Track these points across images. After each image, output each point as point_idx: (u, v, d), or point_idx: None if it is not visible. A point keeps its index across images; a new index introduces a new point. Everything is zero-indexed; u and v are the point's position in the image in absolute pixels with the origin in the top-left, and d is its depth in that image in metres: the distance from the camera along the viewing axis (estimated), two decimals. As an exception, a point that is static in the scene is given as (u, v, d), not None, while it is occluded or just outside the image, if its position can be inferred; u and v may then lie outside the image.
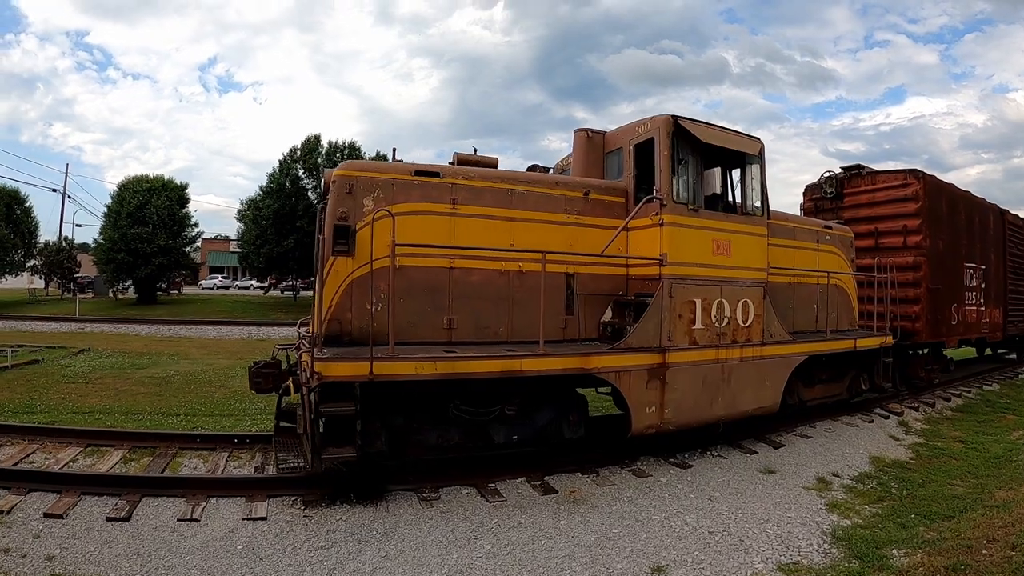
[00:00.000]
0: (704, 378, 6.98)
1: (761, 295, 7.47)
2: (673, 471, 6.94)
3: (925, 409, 10.55)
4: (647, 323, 6.53)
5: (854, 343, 8.86)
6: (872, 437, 8.76)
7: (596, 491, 6.11)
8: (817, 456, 7.76)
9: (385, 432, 5.58)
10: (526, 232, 6.48)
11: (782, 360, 7.76)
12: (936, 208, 10.78)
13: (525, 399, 6.19)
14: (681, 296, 6.79)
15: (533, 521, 5.26)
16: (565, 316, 6.84)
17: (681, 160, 6.91)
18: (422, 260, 5.90)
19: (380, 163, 6.34)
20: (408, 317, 5.80)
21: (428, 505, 5.45)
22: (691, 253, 6.87)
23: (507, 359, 5.54)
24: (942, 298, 10.88)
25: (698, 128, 6.92)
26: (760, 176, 7.56)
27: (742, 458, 7.54)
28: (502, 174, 6.72)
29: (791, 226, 9.03)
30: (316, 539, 4.69)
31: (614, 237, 6.67)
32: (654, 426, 6.58)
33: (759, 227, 7.50)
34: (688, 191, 6.97)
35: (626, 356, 6.33)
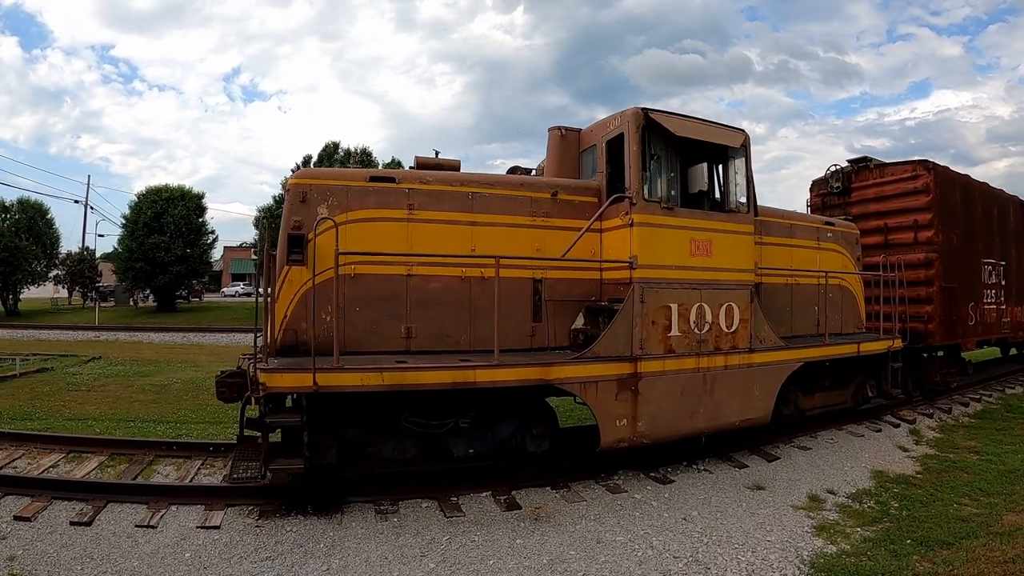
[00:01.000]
0: (683, 388, 6.45)
1: (748, 298, 6.89)
2: (651, 487, 6.44)
3: (940, 416, 9.76)
4: (616, 330, 6.05)
5: (857, 347, 8.19)
6: (878, 448, 8.08)
7: (563, 508, 5.71)
8: (814, 470, 7.15)
9: (337, 444, 5.37)
10: (488, 236, 6.15)
11: (773, 368, 7.16)
12: (949, 201, 9.97)
13: (484, 411, 5.84)
14: (655, 301, 6.28)
15: (487, 539, 4.96)
16: (533, 323, 6.43)
17: (653, 155, 6.41)
18: (379, 268, 5.70)
19: (336, 170, 6.29)
20: (365, 326, 5.63)
21: (383, 519, 5.23)
22: (665, 255, 6.35)
23: (459, 370, 5.23)
24: (957, 297, 10.06)
25: (671, 120, 6.39)
26: (745, 170, 6.99)
27: (730, 472, 6.98)
28: (462, 177, 6.40)
29: (788, 223, 8.41)
30: (263, 550, 4.59)
31: (577, 239, 6.20)
32: (626, 440, 6.10)
33: (744, 225, 6.92)
34: (661, 188, 6.46)
35: (592, 366, 5.88)
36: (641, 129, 6.27)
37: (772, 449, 7.75)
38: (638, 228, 6.17)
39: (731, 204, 6.86)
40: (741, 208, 6.94)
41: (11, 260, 29.50)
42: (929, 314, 9.62)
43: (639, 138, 6.24)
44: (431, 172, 6.32)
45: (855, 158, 10.86)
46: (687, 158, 7.01)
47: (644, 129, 6.29)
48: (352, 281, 5.62)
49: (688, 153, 6.89)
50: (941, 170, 9.86)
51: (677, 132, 6.33)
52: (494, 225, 6.21)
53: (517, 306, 6.28)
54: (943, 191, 9.79)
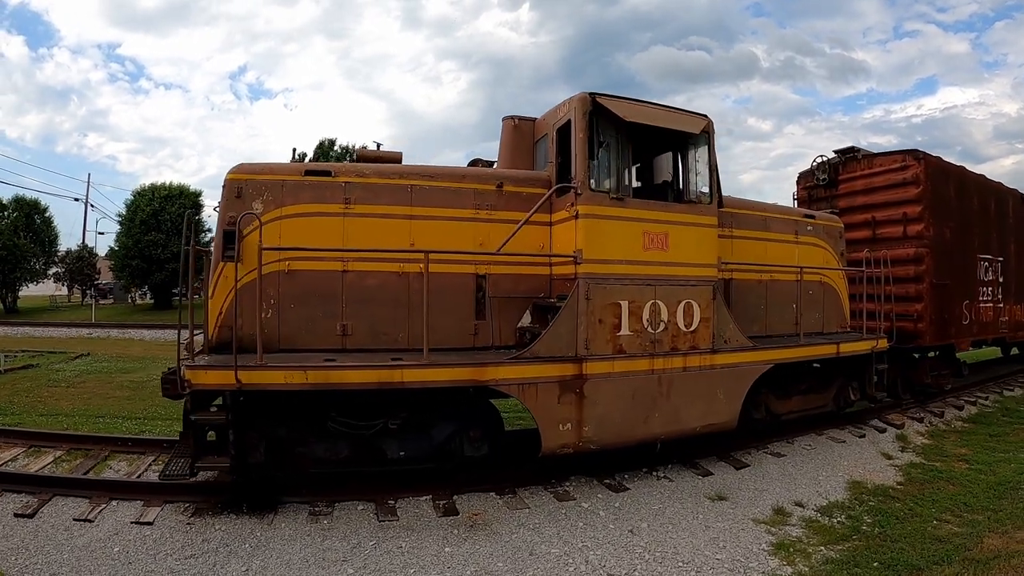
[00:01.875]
0: (635, 391, 5.84)
1: (710, 295, 6.24)
2: (602, 495, 5.87)
3: (931, 420, 8.97)
4: (558, 329, 5.49)
5: (836, 348, 7.47)
6: (859, 456, 7.36)
7: (503, 515, 5.26)
8: (785, 480, 6.48)
9: (266, 443, 5.11)
10: (428, 230, 5.72)
11: (739, 370, 6.49)
12: (941, 193, 9.16)
13: (418, 412, 5.40)
14: (601, 298, 5.67)
15: (415, 546, 4.63)
16: (476, 321, 5.93)
17: (602, 143, 5.80)
18: (314, 264, 5.39)
19: (272, 164, 5.77)
20: (300, 323, 5.37)
21: (314, 520, 4.97)
22: (614, 248, 5.74)
23: (385, 369, 4.87)
24: (950, 294, 9.25)
25: (620, 105, 5.77)
26: (708, 159, 6.33)
27: (692, 480, 6.35)
28: (401, 169, 5.95)
29: (762, 216, 7.72)
30: (189, 547, 4.47)
31: (514, 232, 5.67)
32: (570, 445, 5.54)
33: (706, 217, 6.27)
34: (610, 177, 5.85)
35: (531, 367, 5.35)
36: (588, 115, 5.69)
37: (743, 455, 7.09)
38: (583, 220, 5.61)
39: (691, 194, 6.22)
40: (703, 199, 6.29)
41: (9, 258, 29.44)
42: (919, 313, 8.84)
43: (586, 124, 5.67)
44: (369, 165, 5.93)
45: (842, 148, 10.10)
46: (642, 146, 6.41)
47: (591, 115, 5.70)
48: (287, 277, 5.35)
49: (643, 141, 6.27)
50: (932, 160, 9.06)
51: (626, 117, 5.71)
52: (434, 219, 5.79)
53: (458, 303, 5.85)
54: (934, 182, 9.00)
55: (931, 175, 8.90)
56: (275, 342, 5.26)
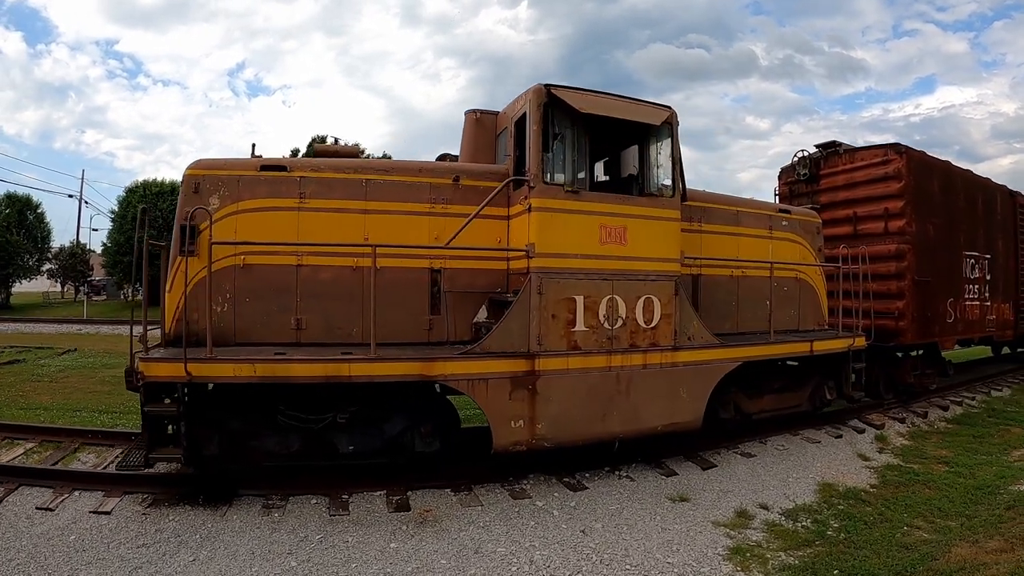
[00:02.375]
0: (591, 389, 5.55)
1: (671, 290, 5.91)
2: (559, 493, 5.60)
3: (913, 420, 8.57)
4: (510, 324, 5.27)
5: (810, 346, 7.11)
6: (834, 457, 6.99)
7: (455, 512, 5.09)
8: (752, 481, 6.14)
9: (220, 436, 5.09)
10: (383, 225, 5.57)
11: (704, 368, 6.16)
12: (924, 188, 8.77)
13: (369, 407, 5.25)
14: (555, 293, 5.40)
15: (361, 541, 4.53)
16: (430, 316, 5.73)
17: (557, 135, 5.54)
18: (269, 258, 5.33)
19: (229, 159, 5.69)
20: (256, 317, 5.32)
21: (266, 513, 4.91)
22: (569, 242, 5.47)
23: (333, 363, 4.80)
24: (934, 292, 8.84)
25: (575, 96, 5.50)
26: (671, 151, 6.00)
27: (655, 480, 6.03)
28: (356, 163, 5.82)
29: (733, 210, 7.38)
30: (142, 537, 4.49)
31: (463, 226, 5.45)
32: (523, 443, 5.29)
33: (667, 210, 5.94)
34: (565, 170, 5.57)
35: (482, 362, 5.14)
36: (543, 107, 5.44)
37: (711, 455, 6.75)
38: (536, 213, 5.37)
39: (652, 187, 5.91)
40: (665, 192, 5.97)
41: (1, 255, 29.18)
42: (900, 310, 8.45)
43: (540, 116, 5.42)
44: (325, 160, 5.82)
45: (823, 143, 9.72)
46: (604, 139, 6.14)
47: (546, 107, 5.46)
48: (242, 272, 5.29)
49: (604, 133, 5.99)
50: (915, 155, 8.68)
51: (582, 108, 5.44)
52: (389, 213, 5.65)
53: (412, 298, 5.68)
54: (917, 177, 8.61)
55: (914, 170, 8.52)
56: (231, 336, 5.22)
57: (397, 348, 5.30)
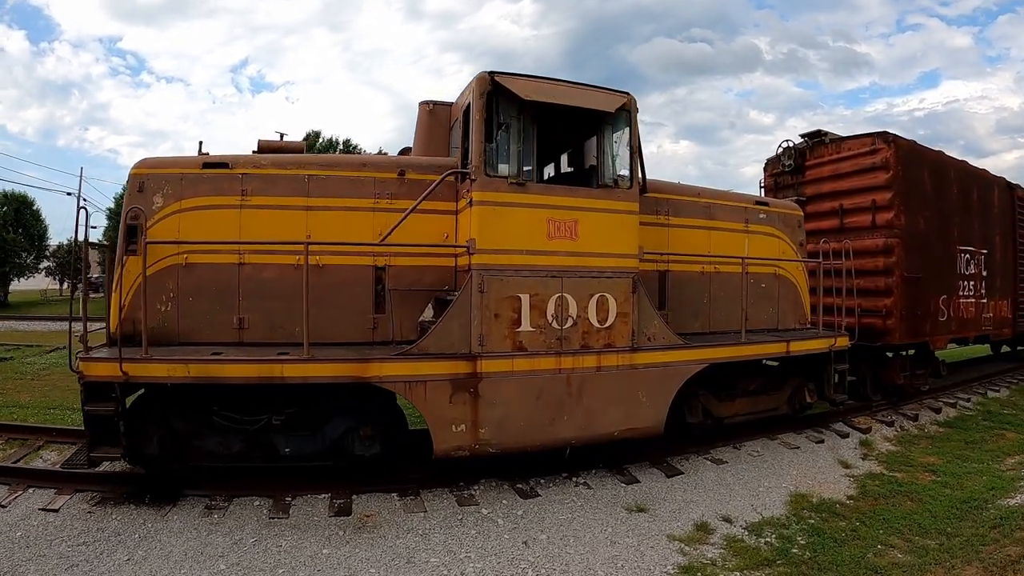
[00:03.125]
0: (539, 392, 5.09)
1: (628, 288, 5.40)
2: (509, 501, 5.18)
3: (903, 424, 7.94)
4: (449, 324, 4.88)
5: (786, 346, 6.53)
6: (812, 464, 6.42)
7: (398, 518, 4.79)
8: (719, 490, 5.62)
9: (161, 436, 4.94)
10: (326, 221, 5.29)
11: (666, 370, 5.63)
12: (914, 179, 8.11)
13: (308, 408, 4.99)
14: (498, 291, 4.96)
15: (294, 546, 4.33)
16: (375, 315, 5.38)
17: (502, 124, 5.11)
18: (211, 257, 5.16)
19: (174, 158, 5.53)
20: (199, 317, 5.16)
21: (207, 514, 4.75)
22: (513, 237, 5.03)
23: (266, 363, 4.61)
24: (925, 289, 8.19)
25: (521, 84, 5.04)
26: (629, 140, 5.48)
27: (614, 489, 5.55)
28: (299, 159, 5.52)
29: (704, 203, 6.83)
30: (85, 535, 4.41)
31: (399, 221, 5.10)
32: (466, 448, 4.92)
33: (623, 202, 5.42)
34: (510, 161, 5.11)
35: (419, 364, 4.78)
36: (486, 96, 5.01)
37: (679, 462, 6.22)
38: (477, 207, 4.97)
39: (607, 178, 5.39)
40: (621, 183, 5.45)
41: None
42: (888, 308, 7.82)
43: (482, 105, 5.00)
44: (268, 156, 5.55)
45: (809, 132, 9.09)
46: (556, 128, 5.64)
47: (490, 95, 5.03)
48: (185, 271, 5.12)
49: (555, 122, 5.50)
50: (904, 143, 8.03)
51: (526, 96, 4.97)
52: (331, 209, 5.38)
53: (356, 296, 5.38)
54: (906, 168, 7.96)
55: (902, 159, 7.87)
56: (174, 335, 5.09)
57: (337, 348, 5.04)
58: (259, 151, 5.85)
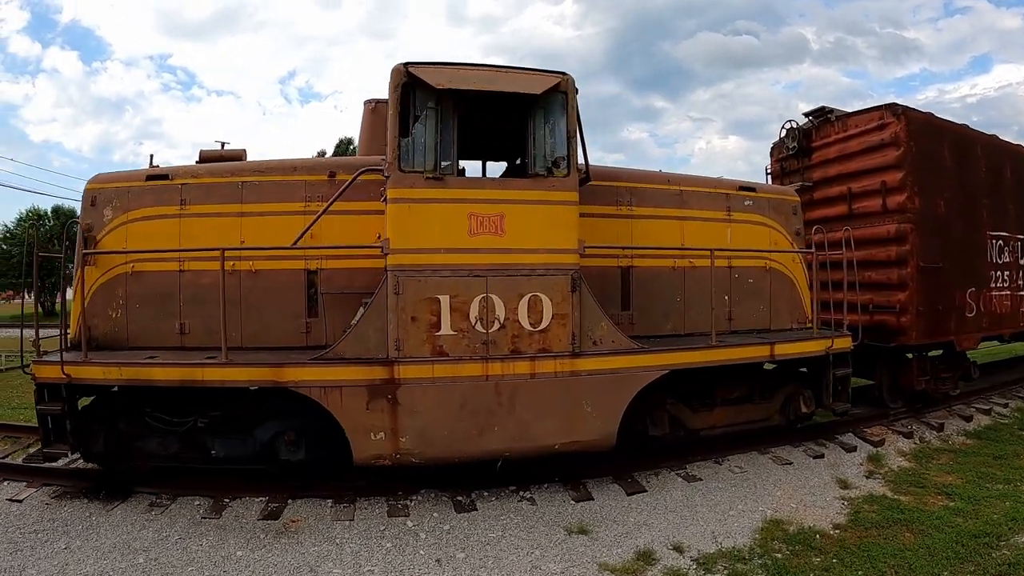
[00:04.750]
0: (464, 400, 4.64)
1: (566, 286, 4.79)
2: (442, 513, 4.81)
3: (924, 434, 6.86)
4: (366, 327, 4.57)
5: (770, 350, 5.69)
6: (803, 483, 5.55)
7: (323, 525, 4.64)
8: (683, 512, 4.92)
9: (107, 435, 5.06)
10: (258, 227, 5.28)
11: (616, 377, 4.98)
12: (931, 155, 6.99)
13: (235, 411, 4.98)
14: (415, 292, 4.55)
15: (213, 545, 4.32)
16: (308, 319, 5.25)
17: (418, 116, 4.68)
18: (155, 265, 5.29)
19: (122, 172, 5.76)
20: (146, 323, 5.29)
21: (148, 511, 4.86)
22: (430, 235, 4.60)
23: (187, 367, 4.69)
24: (948, 281, 7.04)
25: (435, 72, 4.61)
26: (565, 123, 4.87)
27: (561, 506, 4.99)
28: (233, 167, 5.59)
29: (675, 190, 6.10)
30: (38, 524, 4.62)
31: (311, 224, 4.97)
32: (387, 457, 4.61)
33: (558, 192, 4.82)
34: (427, 154, 4.64)
35: (334, 368, 4.55)
36: (400, 87, 4.64)
37: (646, 477, 5.55)
38: (392, 205, 4.63)
39: (538, 167, 4.81)
40: (556, 171, 4.84)
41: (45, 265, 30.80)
42: (902, 304, 6.76)
43: (397, 98, 4.64)
44: (205, 165, 5.67)
45: (813, 109, 8.08)
46: (481, 117, 5.16)
47: (405, 87, 4.65)
48: (133, 279, 5.29)
49: (480, 111, 5.03)
50: (917, 116, 6.92)
51: (438, 84, 4.53)
52: (264, 215, 5.36)
53: (289, 300, 5.29)
54: (920, 143, 6.86)
55: (915, 134, 6.79)
56: (124, 340, 5.25)
57: (259, 352, 5.01)
58: (200, 161, 5.89)
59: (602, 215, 5.74)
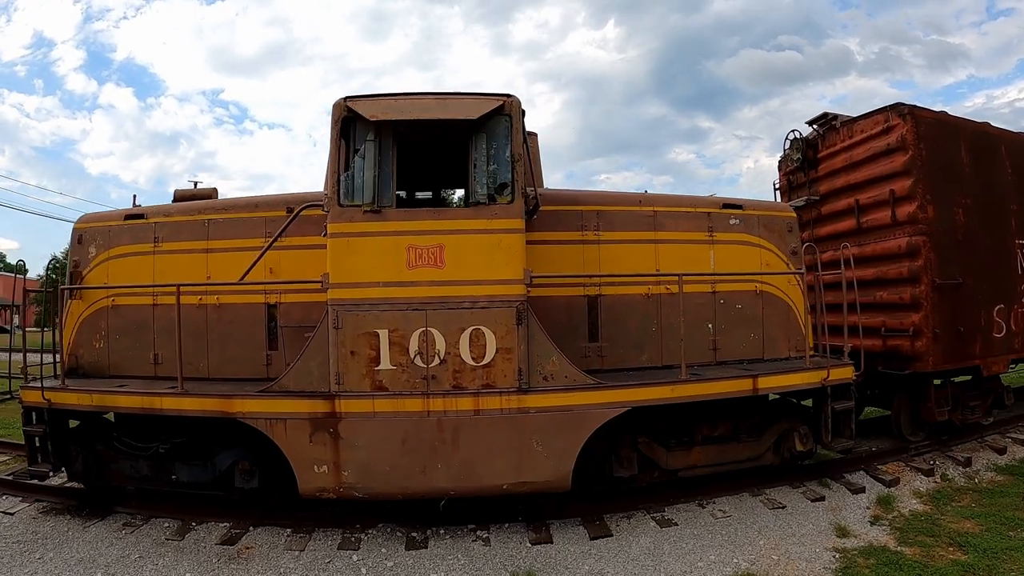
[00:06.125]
0: (406, 436, 4.53)
1: (511, 319, 4.56)
2: (390, 549, 4.77)
3: (948, 471, 6.09)
4: (309, 361, 4.60)
5: (752, 383, 5.19)
6: (793, 531, 5.01)
7: (274, 554, 4.70)
8: (644, 562, 4.58)
9: (86, 456, 5.35)
10: (223, 262, 5.49)
11: (569, 415, 4.67)
12: (945, 159, 6.26)
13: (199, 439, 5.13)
14: (354, 327, 4.51)
15: (166, 566, 4.51)
16: (268, 352, 5.39)
17: (357, 149, 4.67)
18: (132, 299, 5.62)
19: (105, 212, 6.26)
20: (124, 352, 5.59)
21: (121, 530, 5.11)
22: (368, 269, 4.55)
23: (147, 396, 4.91)
24: (971, 298, 6.24)
25: (371, 105, 4.61)
26: (509, 148, 4.68)
27: (516, 548, 4.79)
28: (200, 205, 5.81)
29: (648, 211, 5.76)
30: (22, 535, 4.98)
31: (256, 260, 5.10)
32: (330, 490, 4.60)
33: (502, 220, 4.61)
34: (366, 187, 4.61)
35: (279, 401, 4.62)
36: (340, 122, 4.68)
37: (618, 520, 5.20)
38: (331, 240, 4.62)
39: (478, 195, 4.64)
40: (500, 198, 4.64)
41: None
42: (916, 326, 6.05)
43: (337, 133, 4.68)
44: (176, 204, 5.97)
45: (815, 117, 7.48)
46: (425, 147, 5.10)
47: (345, 121, 4.69)
48: (113, 312, 5.61)
49: (421, 141, 4.96)
50: (925, 115, 6.24)
51: (371, 117, 4.53)
52: (227, 251, 5.58)
53: (250, 333, 5.50)
54: (932, 145, 6.17)
55: (925, 135, 6.12)
56: (106, 369, 5.56)
57: (215, 383, 5.20)
58: (174, 200, 6.19)
59: (566, 241, 5.49)
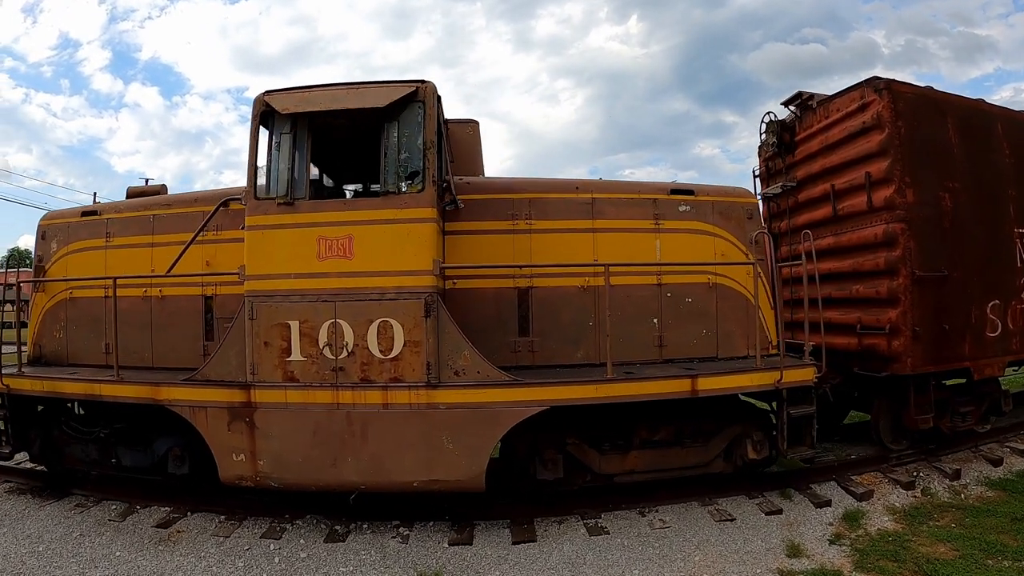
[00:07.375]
0: (316, 428, 4.49)
1: (419, 311, 4.36)
2: (309, 541, 4.74)
3: (933, 484, 5.45)
4: (228, 351, 4.70)
5: (691, 384, 4.76)
6: (737, 547, 4.57)
7: (200, 539, 4.79)
8: (559, 572, 4.35)
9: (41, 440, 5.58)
10: (167, 255, 5.55)
11: (482, 412, 4.43)
12: (929, 138, 5.59)
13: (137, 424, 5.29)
14: (267, 318, 4.54)
15: (102, 544, 4.69)
16: (206, 342, 5.49)
17: (274, 143, 4.70)
18: (86, 292, 5.79)
19: (65, 210, 6.56)
20: (81, 343, 5.81)
21: (71, 509, 5.31)
22: (281, 261, 4.56)
23: (88, 383, 5.11)
24: (960, 292, 5.54)
25: (283, 98, 4.63)
26: (422, 135, 4.48)
27: (432, 547, 4.62)
28: (147, 201, 5.95)
29: (587, 198, 5.45)
30: None
31: (180, 253, 5.19)
32: (248, 478, 4.65)
33: (411, 210, 4.44)
34: (280, 180, 4.63)
35: (201, 389, 4.74)
36: (259, 116, 4.74)
37: (548, 525, 4.95)
38: (248, 232, 4.69)
39: (388, 185, 4.49)
40: (410, 187, 4.46)
41: None
42: (893, 323, 5.45)
43: (255, 127, 4.75)
44: (127, 200, 6.17)
45: (790, 97, 6.92)
46: (341, 137, 5.05)
47: (264, 115, 4.74)
48: (71, 304, 5.84)
49: (336, 131, 4.93)
50: (905, 91, 5.60)
51: (283, 110, 4.56)
52: (170, 244, 5.56)
53: (189, 324, 5.54)
54: (912, 123, 5.54)
55: (903, 112, 5.50)
56: (65, 358, 5.81)
57: (150, 372, 5.36)
58: (127, 197, 6.39)
59: (496, 231, 5.26)
